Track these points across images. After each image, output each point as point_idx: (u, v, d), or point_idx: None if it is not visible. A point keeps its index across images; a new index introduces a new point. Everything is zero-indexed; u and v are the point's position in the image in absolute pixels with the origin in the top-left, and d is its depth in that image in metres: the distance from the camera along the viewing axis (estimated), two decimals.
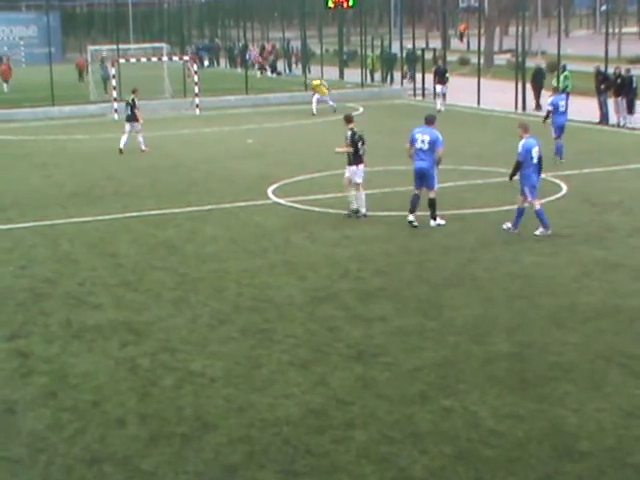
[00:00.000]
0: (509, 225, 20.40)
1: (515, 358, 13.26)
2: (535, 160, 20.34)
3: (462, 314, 15.21)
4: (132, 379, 12.91)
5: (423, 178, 21.01)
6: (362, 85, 56.82)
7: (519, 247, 19.23)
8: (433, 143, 20.85)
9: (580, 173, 27.29)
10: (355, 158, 21.98)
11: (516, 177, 20.64)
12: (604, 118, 38.06)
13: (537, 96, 44.19)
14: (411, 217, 21.03)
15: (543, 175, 26.62)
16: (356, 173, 21.95)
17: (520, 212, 20.27)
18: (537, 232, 20.06)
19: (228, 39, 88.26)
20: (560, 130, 29.24)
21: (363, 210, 22.06)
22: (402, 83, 56.25)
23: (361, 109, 46.73)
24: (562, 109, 29.44)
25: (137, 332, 14.78)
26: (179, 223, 22.11)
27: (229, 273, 17.97)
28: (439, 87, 45.70)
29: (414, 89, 52.63)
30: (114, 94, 45.65)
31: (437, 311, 15.41)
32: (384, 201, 23.54)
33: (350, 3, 54.32)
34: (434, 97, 46.40)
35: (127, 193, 26.33)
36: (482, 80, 46.58)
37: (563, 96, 30.89)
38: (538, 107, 43.74)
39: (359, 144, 21.99)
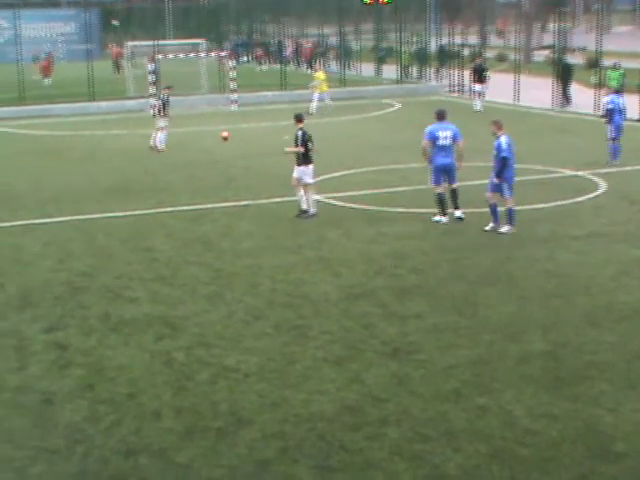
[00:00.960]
0: (492, 225, 20.35)
1: (550, 357, 13.24)
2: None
3: (497, 312, 15.18)
4: (167, 373, 12.99)
5: (448, 173, 21.15)
6: (398, 81, 56.73)
7: (555, 245, 19.16)
8: (455, 138, 21.06)
9: (619, 171, 27.13)
10: (305, 158, 22.21)
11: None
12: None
13: (564, 91, 44.16)
14: (444, 218, 21.07)
15: (582, 172, 26.66)
16: (305, 173, 22.17)
17: (512, 212, 20.28)
18: (503, 230, 20.13)
19: (265, 35, 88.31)
20: (618, 131, 28.44)
21: (312, 210, 22.15)
22: (438, 80, 56.11)
23: (398, 105, 46.70)
24: (621, 109, 28.79)
25: (172, 326, 14.87)
26: (215, 218, 22.18)
27: (264, 269, 18.02)
28: (477, 86, 44.03)
29: (450, 85, 52.46)
30: (151, 90, 45.80)
31: (472, 309, 15.39)
32: (419, 198, 23.50)
33: (386, 0, 54.27)
34: (471, 95, 45.54)
35: (163, 188, 26.44)
36: (520, 77, 46.34)
37: (620, 95, 30.27)
38: (565, 102, 43.80)
39: (309, 144, 22.18)
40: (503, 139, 20.01)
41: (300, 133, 22.24)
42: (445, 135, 20.98)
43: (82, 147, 35.63)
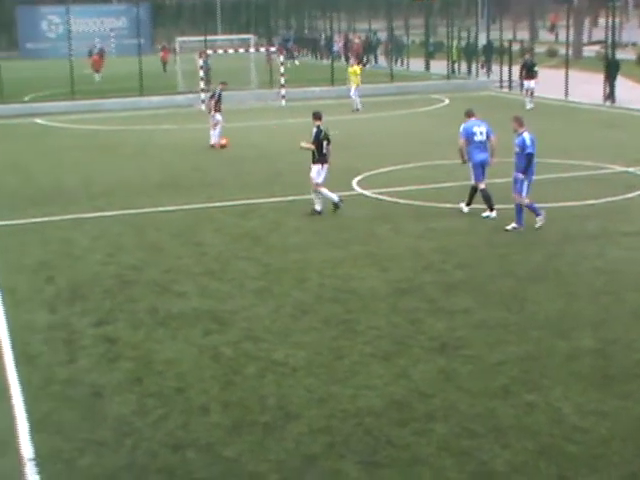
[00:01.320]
0: (514, 225, 20.01)
1: (599, 354, 13.14)
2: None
3: (545, 309, 15.09)
4: (215, 367, 13.03)
5: (485, 168, 21.28)
6: (448, 77, 56.55)
7: (604, 241, 19.02)
8: (488, 133, 21.25)
9: None
10: (319, 157, 22.00)
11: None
12: None
13: (611, 86, 43.68)
14: (493, 214, 21.02)
15: (633, 169, 26.43)
16: (316, 171, 21.99)
17: (521, 210, 20.06)
18: (509, 227, 20.00)
19: (314, 30, 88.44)
20: None
21: (318, 208, 21.98)
22: (488, 75, 55.85)
23: (447, 101, 46.54)
24: None
25: (221, 321, 14.91)
26: (263, 213, 22.22)
27: (312, 264, 18.03)
28: (527, 83, 42.68)
29: (500, 81, 52.15)
30: (202, 85, 45.97)
31: (520, 305, 15.31)
32: (466, 194, 23.37)
33: None
34: (521, 90, 44.81)
35: (212, 183, 26.53)
36: (570, 72, 46.03)
37: None
38: (611, 98, 43.23)
39: (324, 143, 21.93)
40: (526, 135, 19.73)
41: (315, 131, 22.01)
42: (480, 131, 21.16)
43: (133, 142, 35.83)
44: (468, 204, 21.47)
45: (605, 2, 53.04)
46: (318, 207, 21.90)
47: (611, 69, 43.72)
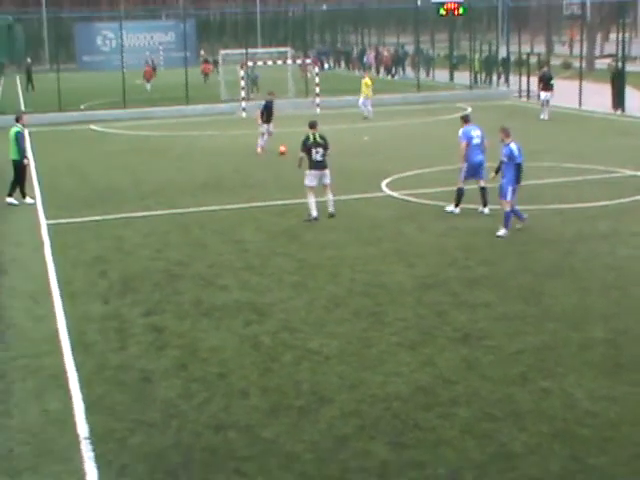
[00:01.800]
0: (504, 231, 19.31)
1: (610, 344, 13.07)
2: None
3: (561, 302, 15.02)
4: (255, 355, 13.05)
5: (479, 170, 21.30)
6: (470, 87, 56.34)
7: (615, 240, 18.90)
8: (483, 137, 21.55)
9: None
10: (310, 164, 21.34)
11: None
12: None
13: (618, 95, 43.52)
14: (457, 210, 21.53)
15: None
16: (309, 178, 21.37)
17: (509, 215, 19.43)
18: (500, 233, 19.30)
19: (347, 44, 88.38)
20: None
21: (314, 213, 21.24)
22: (507, 85, 55.60)
23: (469, 109, 46.34)
24: None
25: (260, 312, 14.93)
26: (299, 213, 22.19)
27: (344, 260, 18.02)
28: (544, 94, 41.00)
29: (519, 91, 51.87)
30: (242, 94, 46.01)
31: (537, 299, 15.25)
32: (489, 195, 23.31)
33: (460, 11, 53.87)
34: (538, 98, 44.24)
35: (253, 185, 26.55)
36: (583, 83, 45.75)
37: None
38: (617, 107, 42.97)
39: (314, 150, 21.15)
40: (513, 146, 19.31)
41: (303, 138, 21.49)
42: (477, 134, 21.42)
43: (179, 146, 35.90)
44: (484, 205, 21.38)
45: (616, 18, 52.66)
46: (313, 212, 21.20)
47: (617, 80, 43.69)
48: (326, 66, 78.60)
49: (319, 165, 21.27)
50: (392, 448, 10.07)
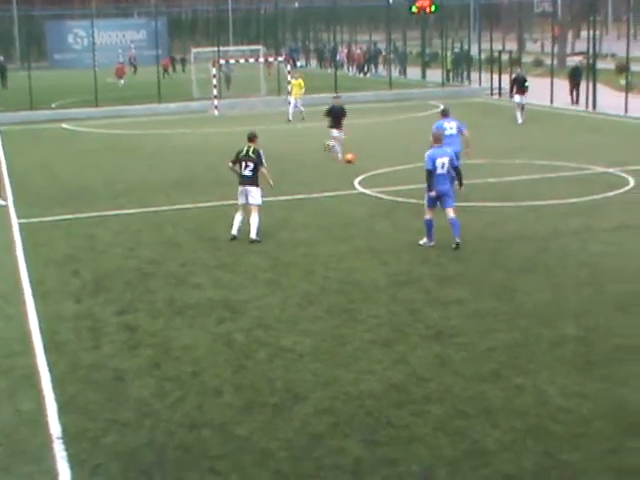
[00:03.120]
0: (425, 241, 18.51)
1: (582, 341, 13.13)
2: (440, 171, 18.13)
3: (533, 299, 15.09)
4: (228, 353, 13.03)
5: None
6: (442, 84, 56.50)
7: (587, 237, 19.00)
8: (459, 128, 22.38)
9: None
10: (238, 178, 19.68)
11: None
12: None
13: (574, 91, 44.77)
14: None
15: (613, 169, 26.40)
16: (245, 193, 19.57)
17: (428, 224, 18.47)
18: (421, 242, 18.54)
19: (319, 41, 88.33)
20: None
21: (232, 231, 19.47)
22: (469, 81, 55.76)
23: (442, 107, 46.43)
24: None
25: (233, 310, 14.92)
26: (272, 211, 22.15)
27: (318, 258, 18.03)
28: (518, 97, 39.20)
29: (491, 88, 52.02)
30: (215, 92, 45.94)
31: (510, 296, 15.31)
32: (460, 193, 23.35)
33: (432, 9, 54.03)
34: (510, 96, 44.07)
35: (225, 182, 26.35)
36: (555, 80, 45.95)
37: None
38: (576, 102, 43.82)
39: (243, 164, 19.46)
40: (428, 152, 18.39)
41: (237, 150, 19.75)
42: (450, 126, 22.27)
43: (151, 145, 35.82)
44: (460, 185, 21.28)
45: (586, 16, 52.92)
46: (254, 235, 19.33)
47: (575, 74, 45.01)
48: (298, 64, 78.54)
49: (245, 180, 19.47)
50: (365, 445, 10.08)
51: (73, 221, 22.04)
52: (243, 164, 19.52)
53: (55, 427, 10.75)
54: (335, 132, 29.70)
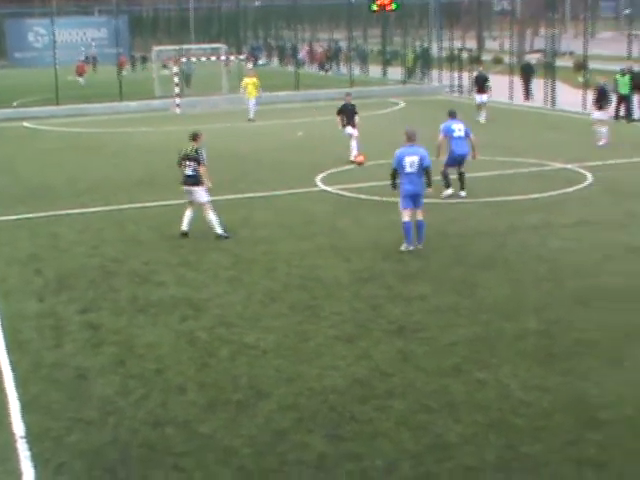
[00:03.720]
0: (405, 245, 17.76)
1: (543, 335, 13.22)
2: (408, 170, 17.57)
3: (494, 294, 15.17)
4: (191, 350, 13.00)
5: (461, 161, 22.30)
6: (403, 82, 56.65)
7: (546, 232, 19.12)
8: (467, 131, 22.38)
9: (604, 164, 27.03)
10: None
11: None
12: (628, 113, 37.61)
13: (526, 87, 45.62)
14: (464, 193, 22.50)
15: (571, 165, 26.59)
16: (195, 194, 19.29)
17: (405, 227, 17.81)
18: (402, 247, 17.75)
19: (280, 40, 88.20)
20: None
21: (218, 231, 19.25)
22: (424, 78, 55.96)
23: (402, 104, 46.64)
24: None
25: (196, 307, 14.88)
26: (233, 209, 22.14)
27: (280, 255, 18.02)
28: (479, 97, 38.66)
29: (451, 86, 52.24)
30: (176, 90, 45.78)
31: (471, 291, 15.38)
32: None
33: (392, 7, 54.09)
34: (468, 92, 44.35)
35: None
36: (514, 78, 46.24)
37: None
38: (527, 98, 44.69)
39: (183, 163, 19.11)
40: (397, 150, 17.93)
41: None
42: (459, 128, 22.33)
43: (113, 143, 35.64)
44: (462, 188, 22.49)
45: (545, 15, 53.25)
46: (218, 230, 19.23)
47: (526, 71, 45.80)
48: (260, 62, 78.42)
49: (187, 180, 19.17)
50: (329, 441, 10.09)
51: (35, 220, 21.89)
52: (184, 164, 19.19)
53: (18, 426, 10.67)
54: (349, 129, 28.67)
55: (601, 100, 31.21)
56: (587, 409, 10.71)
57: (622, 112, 36.92)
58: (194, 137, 19.40)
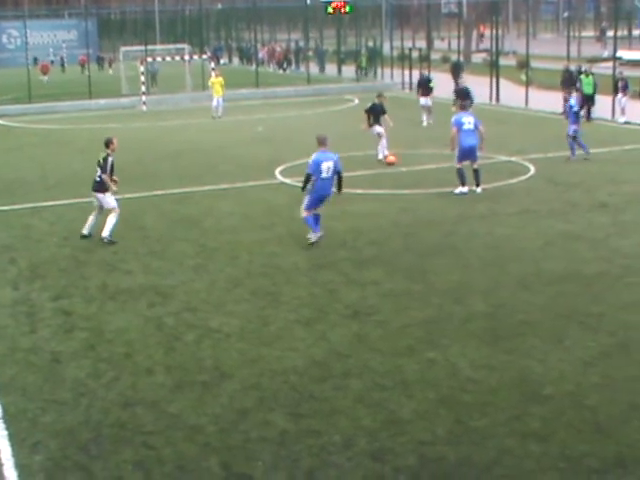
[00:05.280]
0: (311, 235, 17.46)
1: (489, 317, 13.30)
2: (325, 175, 17.20)
3: (444, 279, 15.23)
4: (159, 335, 12.95)
5: (471, 153, 21.92)
6: (357, 80, 56.67)
7: (492, 221, 19.22)
8: (476, 123, 22.03)
9: (545, 157, 27.24)
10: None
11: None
12: (588, 113, 37.62)
13: (456, 83, 44.97)
14: (465, 189, 21.88)
15: (515, 158, 26.75)
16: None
17: (309, 220, 17.58)
18: (310, 237, 17.45)
19: (241, 40, 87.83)
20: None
21: (83, 231, 18.58)
22: (375, 75, 56.02)
23: (356, 101, 46.64)
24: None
25: (163, 294, 14.82)
26: (198, 201, 22.09)
27: (242, 243, 17.99)
28: (423, 99, 36.13)
29: (402, 83, 52.31)
30: (143, 88, 45.49)
31: (422, 276, 15.43)
32: (376, 181, 23.54)
33: (347, 9, 54.05)
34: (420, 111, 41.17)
35: (153, 175, 26.31)
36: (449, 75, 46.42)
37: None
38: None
39: (97, 170, 18.53)
40: (313, 156, 17.49)
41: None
42: (469, 121, 22.01)
43: (83, 139, 35.32)
44: (477, 185, 22.01)
45: (490, 16, 53.47)
46: (86, 231, 18.53)
47: (456, 69, 46.27)
48: (222, 61, 78.03)
49: (94, 186, 18.64)
50: (290, 418, 10.09)
51: (9, 212, 21.71)
52: (97, 170, 18.58)
53: None
54: (378, 128, 27.14)
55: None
56: (531, 385, 10.80)
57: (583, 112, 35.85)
58: (106, 144, 18.77)
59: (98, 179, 18.63)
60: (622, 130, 33.42)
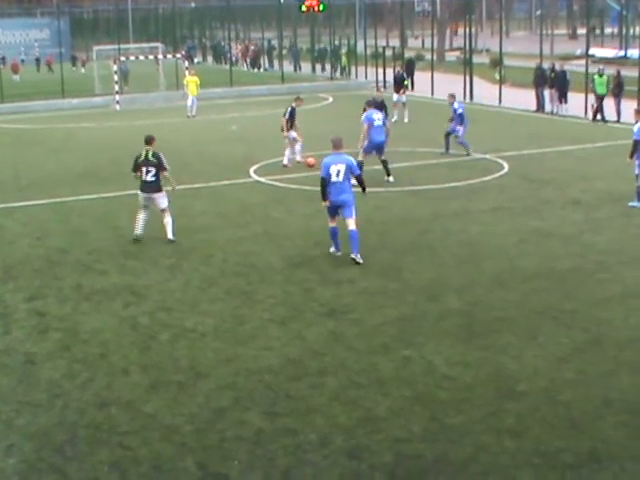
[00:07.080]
0: (333, 249, 16.73)
1: (464, 314, 13.35)
2: (334, 179, 16.12)
3: (419, 277, 15.27)
4: (134, 335, 12.92)
5: (379, 148, 23.08)
6: (331, 78, 56.70)
7: (466, 219, 19.28)
8: (384, 119, 23.33)
9: (519, 154, 27.36)
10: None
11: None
12: (540, 107, 38.05)
13: (411, 81, 46.57)
14: (391, 178, 23.20)
15: (489, 156, 26.84)
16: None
17: (333, 232, 16.66)
18: (330, 250, 16.75)
19: (215, 39, 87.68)
20: None
21: (136, 231, 18.07)
22: (343, 74, 56.10)
23: (331, 99, 46.67)
24: None
25: (138, 294, 14.78)
26: (173, 200, 21.95)
27: (216, 242, 17.96)
28: (396, 96, 36.62)
29: (376, 81, 52.36)
30: (116, 88, 45.32)
31: (397, 274, 15.46)
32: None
33: (321, 8, 54.07)
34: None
35: (128, 174, 25.93)
36: (435, 74, 46.51)
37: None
38: (411, 90, 45.09)
39: (143, 169, 17.93)
40: (325, 159, 16.54)
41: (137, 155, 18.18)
42: (379, 117, 23.05)
43: (56, 139, 35.16)
44: (388, 174, 23.25)
45: (463, 15, 53.64)
46: (139, 230, 18.12)
47: (409, 66, 47.48)
48: (196, 60, 77.85)
49: (147, 187, 17.96)
50: (266, 417, 10.10)
51: None
52: (144, 170, 17.87)
53: None
54: (292, 133, 26.60)
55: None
56: (506, 382, 10.86)
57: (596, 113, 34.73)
58: (149, 141, 18.15)
59: (153, 178, 17.85)
60: (593, 127, 33.58)
